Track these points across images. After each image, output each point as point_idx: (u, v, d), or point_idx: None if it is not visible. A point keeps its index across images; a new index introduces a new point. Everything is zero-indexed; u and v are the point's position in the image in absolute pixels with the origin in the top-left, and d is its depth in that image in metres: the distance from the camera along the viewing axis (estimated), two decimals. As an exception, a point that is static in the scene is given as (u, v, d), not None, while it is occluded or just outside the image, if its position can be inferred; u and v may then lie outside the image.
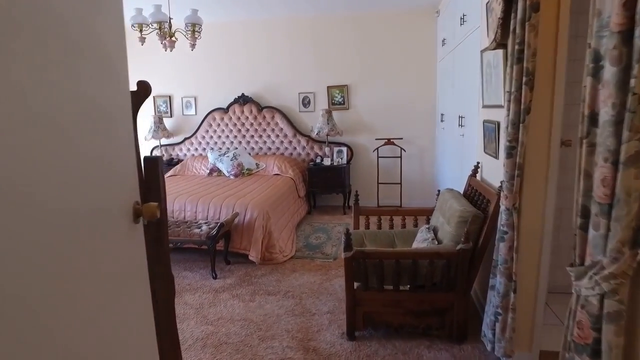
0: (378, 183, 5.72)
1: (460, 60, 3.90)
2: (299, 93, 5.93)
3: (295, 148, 5.99)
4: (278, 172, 5.45)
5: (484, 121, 2.83)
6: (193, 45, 3.84)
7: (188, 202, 4.17)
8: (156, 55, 6.16)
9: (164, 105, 6.39)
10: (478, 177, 3.05)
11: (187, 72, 6.22)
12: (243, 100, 5.99)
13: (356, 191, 3.45)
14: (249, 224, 3.94)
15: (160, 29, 3.33)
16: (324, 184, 5.57)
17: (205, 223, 3.83)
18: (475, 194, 2.87)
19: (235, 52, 6.00)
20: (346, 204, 5.82)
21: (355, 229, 3.36)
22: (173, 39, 3.57)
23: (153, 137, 6.04)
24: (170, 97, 6.36)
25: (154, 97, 6.38)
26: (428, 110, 5.67)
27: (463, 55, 3.74)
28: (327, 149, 5.71)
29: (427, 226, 2.95)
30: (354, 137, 5.91)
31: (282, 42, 5.86)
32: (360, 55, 5.72)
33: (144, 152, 6.49)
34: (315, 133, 5.59)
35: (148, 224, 1.32)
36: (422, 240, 2.79)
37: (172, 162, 6.19)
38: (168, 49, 3.61)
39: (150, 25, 3.40)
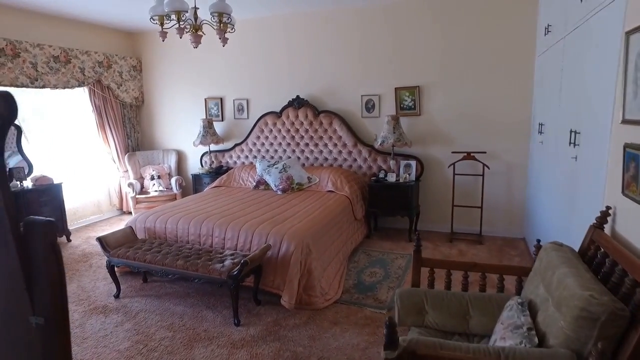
0: (453, 205, 4.68)
1: (576, 52, 2.79)
2: (362, 96, 5.09)
3: (355, 160, 5.16)
4: (332, 189, 4.66)
5: (626, 145, 1.79)
6: (224, 40, 3.19)
7: (216, 227, 3.55)
8: (209, 54, 5.72)
9: (215, 108, 5.92)
10: (607, 230, 2.00)
11: (240, 72, 5.68)
12: (298, 103, 5.29)
13: (417, 234, 2.54)
14: (284, 259, 3.20)
15: (178, 20, 2.72)
16: (387, 204, 4.67)
17: (232, 255, 3.16)
18: (603, 259, 1.84)
19: (292, 49, 5.32)
20: (413, 229, 4.86)
21: (415, 285, 2.46)
22: (199, 33, 2.95)
23: (201, 142, 5.59)
24: (222, 99, 5.87)
25: (205, 99, 5.94)
26: (520, 119, 4.50)
27: (582, 44, 2.63)
28: (392, 162, 4.80)
29: (519, 300, 1.97)
30: (426, 149, 4.92)
31: (344, 37, 5.06)
32: (436, 50, 4.71)
33: (194, 158, 6.12)
34: (379, 143, 4.71)
35: None
36: (511, 327, 1.82)
37: (220, 171, 5.70)
38: (194, 44, 2.99)
39: (172, 18, 2.81)
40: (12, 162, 4.64)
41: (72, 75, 5.15)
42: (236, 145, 5.82)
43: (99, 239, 3.40)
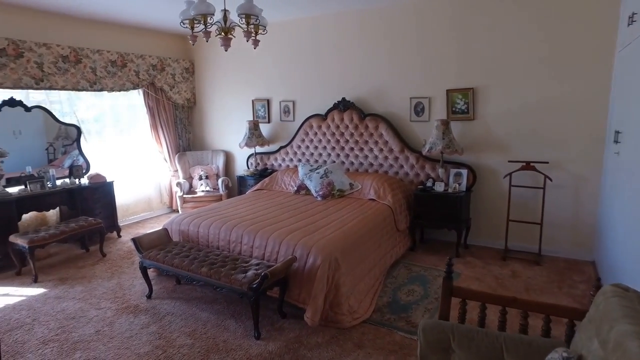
0: (508, 220, 4.22)
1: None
2: (411, 98, 4.77)
3: (401, 166, 4.85)
4: (374, 197, 4.40)
5: None
6: (255, 43, 3.08)
7: (246, 234, 3.47)
8: (258, 56, 5.71)
9: (262, 110, 5.90)
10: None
11: (288, 73, 5.60)
12: (343, 105, 5.09)
13: (449, 259, 2.23)
14: (310, 272, 3.03)
15: (205, 23, 2.65)
16: (434, 215, 4.32)
17: (257, 265, 3.05)
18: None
19: (341, 49, 5.13)
20: (463, 242, 4.47)
21: (443, 317, 2.16)
22: (229, 36, 2.86)
23: (246, 144, 5.59)
24: (268, 100, 5.83)
25: (252, 101, 5.94)
26: (592, 125, 3.93)
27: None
28: (441, 171, 4.44)
29: (565, 354, 1.62)
30: (479, 157, 4.49)
31: (396, 36, 4.77)
32: (494, 48, 4.26)
33: (242, 160, 6.15)
34: (427, 149, 4.37)
35: None
36: (551, 387, 1.49)
37: (265, 173, 5.67)
38: (223, 47, 2.91)
39: (200, 21, 2.75)
40: (68, 162, 4.93)
41: (127, 78, 5.39)
42: (281, 147, 5.75)
43: (134, 240, 3.47)
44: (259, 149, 5.87)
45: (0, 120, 4.27)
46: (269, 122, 5.89)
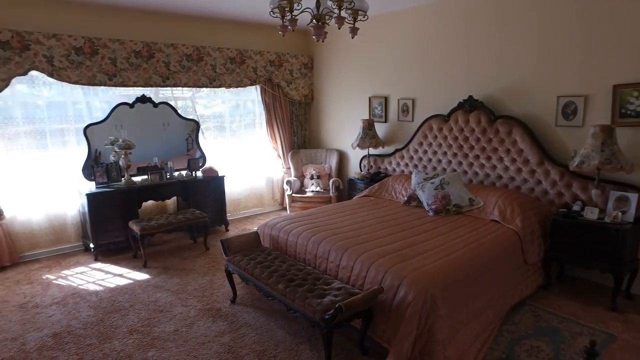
0: (700, 271, 2.99)
1: None
2: (559, 97, 3.76)
3: (539, 182, 3.89)
4: (498, 219, 3.58)
5: None
6: (353, 32, 2.62)
7: (333, 250, 3.07)
8: (378, 50, 5.27)
9: (379, 108, 5.43)
10: None
11: (408, 68, 5.01)
12: (470, 105, 4.31)
13: (591, 344, 1.47)
14: (399, 308, 2.50)
15: (290, 9, 2.31)
16: (581, 250, 3.31)
17: (339, 289, 2.64)
18: None
19: (471, 39, 4.35)
20: (625, 290, 3.37)
21: None
22: (321, 23, 2.48)
23: (359, 145, 5.19)
24: (386, 98, 5.33)
25: (369, 98, 5.50)
26: None
27: None
28: (595, 192, 3.38)
29: None
30: (658, 178, 3.30)
31: (540, 20, 3.81)
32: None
33: (356, 160, 5.79)
34: (576, 164, 3.37)
35: None
36: None
37: (377, 178, 5.20)
38: (320, 39, 2.55)
39: (295, 8, 2.42)
40: (198, 153, 5.23)
41: (245, 74, 5.48)
42: (397, 150, 5.21)
43: (222, 242, 3.38)
44: (372, 151, 5.43)
45: (138, 114, 4.69)
46: (385, 121, 5.39)
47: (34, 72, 4.08)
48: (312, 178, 5.86)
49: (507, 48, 4.07)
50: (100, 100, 4.69)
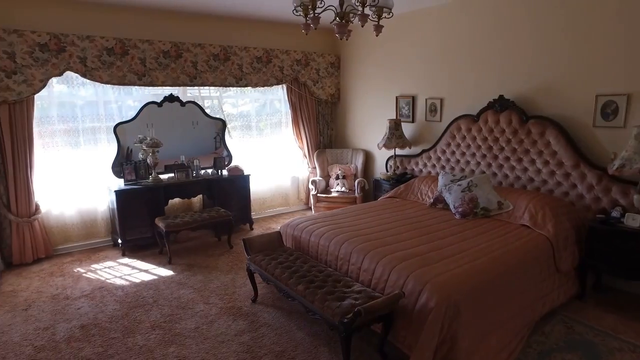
0: None
1: None
2: (598, 96, 3.55)
3: (574, 186, 3.69)
4: (528, 224, 3.43)
5: None
6: (377, 30, 2.56)
7: (355, 252, 3.02)
8: (405, 48, 5.17)
9: (406, 108, 5.31)
10: None
11: (437, 66, 4.88)
12: (500, 105, 4.15)
13: None
14: (420, 314, 2.42)
15: (313, 7, 2.27)
16: (620, 260, 3.12)
17: (359, 293, 2.58)
18: None
19: (498, 36, 4.18)
20: (663, 303, 3.15)
21: None
22: (345, 21, 2.43)
23: (385, 145, 5.10)
24: (413, 97, 5.21)
25: (396, 98, 5.40)
26: None
27: None
28: (637, 198, 3.17)
29: None
30: None
31: (576, 10, 3.62)
32: None
33: (382, 161, 5.71)
34: (615, 167, 3.18)
35: None
36: None
37: (403, 179, 5.09)
38: (343, 36, 2.50)
39: (317, 6, 2.38)
40: (225, 152, 5.31)
41: (271, 74, 5.49)
42: (424, 151, 5.09)
43: (244, 241, 3.38)
44: (399, 151, 5.32)
45: (166, 113, 4.79)
46: (413, 121, 5.28)
47: (68, 73, 4.23)
48: (337, 178, 5.81)
49: (540, 44, 3.88)
50: (132, 100, 4.81)
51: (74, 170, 4.50)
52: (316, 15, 2.38)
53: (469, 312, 2.43)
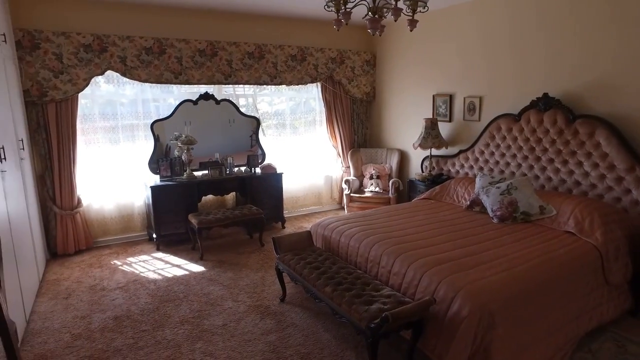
0: None
1: None
2: (656, 94, 3.27)
3: (628, 192, 3.41)
4: (573, 230, 3.20)
5: None
6: (411, 23, 2.45)
7: (385, 254, 2.92)
8: (443, 45, 4.99)
9: (443, 107, 5.13)
10: None
11: (476, 63, 4.67)
12: (544, 104, 3.90)
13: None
14: (452, 322, 2.30)
15: (344, 2, 2.19)
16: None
17: (388, 297, 2.49)
18: None
19: (542, 29, 3.94)
20: None
21: None
22: (377, 16, 2.34)
23: (421, 145, 4.95)
24: (451, 96, 5.02)
25: (433, 96, 5.23)
26: None
27: None
28: (699, 205, 2.89)
29: None
30: None
31: (616, 1, 3.34)
32: None
33: (417, 161, 5.56)
34: (675, 171, 2.91)
35: None
36: None
37: (439, 180, 4.92)
38: (377, 33, 2.42)
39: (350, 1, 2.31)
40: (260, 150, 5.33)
41: (306, 72, 5.45)
42: (461, 152, 4.89)
43: (273, 239, 3.36)
44: (435, 152, 5.15)
45: (202, 111, 4.87)
46: (450, 120, 5.09)
47: (109, 72, 4.38)
48: (371, 178, 5.70)
49: (588, 37, 3.61)
50: (170, 98, 4.92)
51: (113, 166, 4.65)
52: (348, 10, 2.31)
53: (505, 323, 2.28)
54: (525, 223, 3.50)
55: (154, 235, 4.52)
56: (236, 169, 5.06)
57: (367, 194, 5.56)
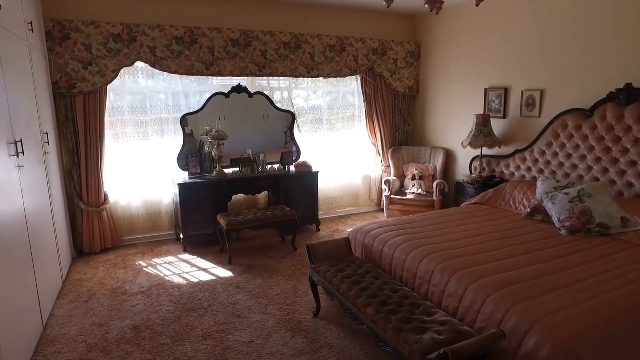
0: None
1: None
2: None
3: None
4: (666, 247, 2.66)
5: None
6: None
7: (437, 271, 2.50)
8: (496, 33, 4.48)
9: (497, 102, 4.61)
10: None
11: (535, 53, 4.14)
12: (626, 97, 3.34)
13: None
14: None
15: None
16: None
17: (443, 324, 2.07)
18: None
19: (618, 9, 3.36)
20: None
21: None
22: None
23: (471, 144, 4.46)
24: (506, 90, 4.49)
25: (485, 90, 4.71)
26: None
27: None
28: None
29: None
30: None
31: None
32: None
33: (465, 162, 5.07)
34: None
35: None
36: None
37: (490, 182, 4.42)
38: (435, 11, 2.01)
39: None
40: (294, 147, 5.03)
41: (345, 64, 5.06)
42: (517, 152, 4.36)
43: (308, 247, 3.01)
44: (486, 151, 4.64)
45: (235, 104, 4.59)
46: (504, 117, 4.56)
47: (138, 64, 4.17)
48: (413, 179, 5.25)
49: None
50: (201, 91, 4.67)
51: (141, 161, 4.46)
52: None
53: (598, 367, 1.82)
54: (603, 237, 2.98)
55: (181, 236, 4.28)
56: (269, 166, 4.74)
57: (409, 196, 5.11)
